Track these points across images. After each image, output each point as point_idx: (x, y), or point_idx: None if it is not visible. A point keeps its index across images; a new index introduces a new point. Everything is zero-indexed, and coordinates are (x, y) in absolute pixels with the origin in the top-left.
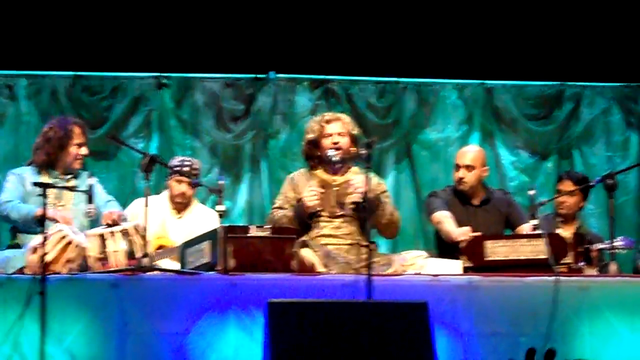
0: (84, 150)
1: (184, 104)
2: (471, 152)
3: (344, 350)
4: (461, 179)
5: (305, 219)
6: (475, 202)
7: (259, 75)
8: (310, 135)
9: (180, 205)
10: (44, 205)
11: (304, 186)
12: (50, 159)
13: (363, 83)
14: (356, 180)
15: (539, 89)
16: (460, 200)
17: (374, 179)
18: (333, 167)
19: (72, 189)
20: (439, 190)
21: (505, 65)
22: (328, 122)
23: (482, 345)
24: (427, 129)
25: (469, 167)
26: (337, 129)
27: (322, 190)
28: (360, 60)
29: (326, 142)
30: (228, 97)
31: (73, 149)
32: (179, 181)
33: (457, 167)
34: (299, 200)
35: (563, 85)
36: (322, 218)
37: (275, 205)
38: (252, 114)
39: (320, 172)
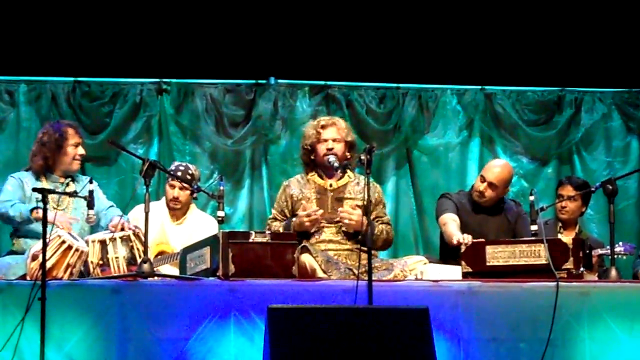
0: (80, 150)
1: (184, 109)
2: (500, 171)
3: (344, 356)
4: (482, 193)
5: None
6: (487, 210)
7: (259, 81)
8: (307, 141)
9: (177, 210)
10: (44, 210)
11: (299, 194)
12: (47, 164)
13: (363, 89)
14: (346, 214)
15: (539, 95)
16: (473, 207)
17: (372, 188)
18: (332, 172)
19: (72, 194)
20: (453, 193)
21: (505, 71)
22: (323, 127)
23: (482, 350)
24: (427, 135)
25: (493, 186)
26: (332, 135)
27: (318, 213)
28: (360, 66)
29: (321, 147)
30: (228, 103)
31: (70, 150)
32: (172, 186)
33: (482, 179)
34: (293, 214)
35: (563, 91)
36: (320, 224)
37: (270, 217)
38: (252, 119)
39: (315, 177)
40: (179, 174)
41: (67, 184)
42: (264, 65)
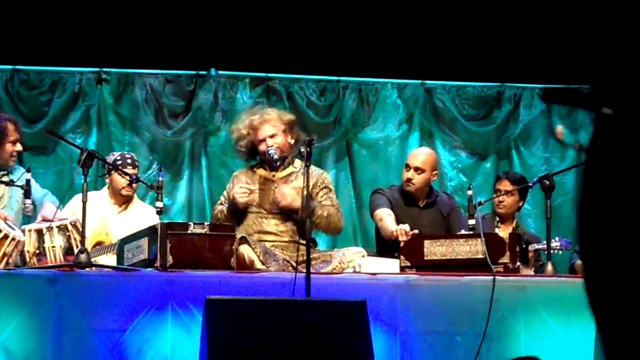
0: (18, 147)
1: (123, 99)
2: (423, 154)
3: (282, 348)
4: (409, 179)
5: (239, 213)
6: (420, 203)
7: (199, 72)
8: (242, 142)
9: (124, 199)
10: None
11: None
12: None
13: (304, 81)
14: (282, 191)
15: (479, 90)
16: (406, 200)
17: (318, 173)
18: (273, 165)
19: (8, 183)
20: (385, 188)
21: (445, 65)
22: (256, 129)
23: (419, 343)
24: (367, 128)
25: (419, 170)
26: (267, 132)
27: (253, 187)
28: (301, 58)
29: (262, 147)
30: (168, 94)
31: (8, 146)
32: (123, 174)
33: (407, 167)
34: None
35: (502, 87)
36: (260, 214)
37: (218, 202)
38: (192, 110)
39: (261, 170)
40: (129, 161)
41: (2, 176)
42: (204, 56)
